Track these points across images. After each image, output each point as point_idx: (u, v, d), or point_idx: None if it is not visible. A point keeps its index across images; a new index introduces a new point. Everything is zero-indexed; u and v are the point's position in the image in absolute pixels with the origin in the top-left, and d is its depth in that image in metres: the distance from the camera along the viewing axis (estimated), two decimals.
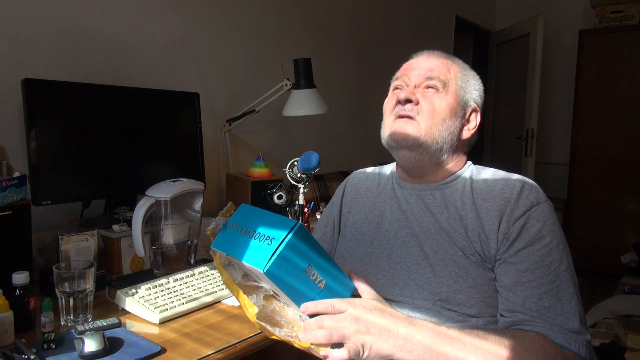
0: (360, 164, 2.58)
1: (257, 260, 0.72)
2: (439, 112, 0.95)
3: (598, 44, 3.77)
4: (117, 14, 1.71)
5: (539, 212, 0.86)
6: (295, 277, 0.74)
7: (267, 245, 0.72)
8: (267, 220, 0.77)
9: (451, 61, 1.02)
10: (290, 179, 1.71)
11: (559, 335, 0.80)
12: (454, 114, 0.97)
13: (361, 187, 1.12)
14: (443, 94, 0.97)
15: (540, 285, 0.83)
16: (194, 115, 1.69)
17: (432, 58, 1.01)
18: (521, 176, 0.93)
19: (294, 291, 0.75)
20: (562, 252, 0.86)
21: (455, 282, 0.87)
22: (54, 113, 1.34)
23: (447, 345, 0.76)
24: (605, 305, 2.35)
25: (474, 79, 1.03)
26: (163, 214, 1.30)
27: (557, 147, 4.37)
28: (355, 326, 0.75)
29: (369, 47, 3.00)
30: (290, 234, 0.72)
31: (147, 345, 0.98)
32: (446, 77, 0.98)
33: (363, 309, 0.77)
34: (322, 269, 0.77)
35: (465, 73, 1.02)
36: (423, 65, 1.00)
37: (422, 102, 0.96)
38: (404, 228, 0.97)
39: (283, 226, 0.73)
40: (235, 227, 0.79)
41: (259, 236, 0.74)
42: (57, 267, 1.08)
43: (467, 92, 1.00)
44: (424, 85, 0.98)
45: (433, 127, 0.95)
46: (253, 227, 0.77)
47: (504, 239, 0.86)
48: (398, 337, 0.76)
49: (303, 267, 0.75)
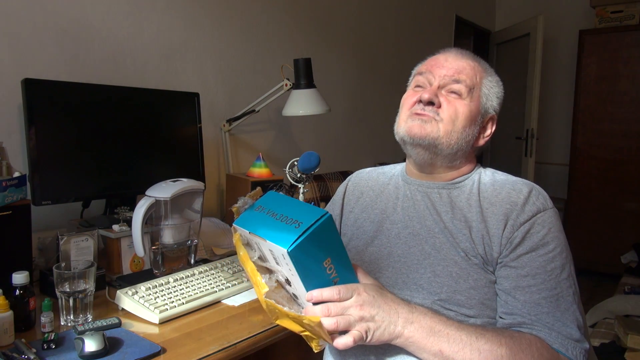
0: (360, 164, 2.58)
1: (282, 240, 0.71)
2: (460, 119, 0.93)
3: (598, 44, 3.77)
4: (117, 14, 1.71)
5: (545, 218, 0.86)
6: (314, 265, 0.74)
7: (294, 227, 0.72)
8: (295, 206, 0.77)
9: (479, 65, 0.99)
10: (290, 179, 1.71)
11: (557, 340, 0.81)
12: (474, 121, 0.95)
13: (363, 187, 1.12)
14: (467, 100, 0.94)
15: (540, 291, 0.83)
16: (194, 115, 1.69)
17: (461, 58, 0.97)
18: (529, 181, 0.93)
19: (309, 278, 0.74)
20: (565, 260, 0.85)
21: (455, 283, 0.87)
22: (54, 113, 1.34)
23: (444, 336, 0.76)
24: (605, 305, 2.35)
25: (498, 85, 1.00)
26: (163, 214, 1.30)
27: (557, 147, 4.37)
28: (360, 313, 0.74)
29: (369, 47, 3.00)
30: (320, 220, 0.72)
31: (147, 345, 0.98)
32: (473, 82, 0.95)
33: (367, 295, 0.76)
34: (339, 265, 0.77)
35: (490, 79, 0.99)
36: (451, 65, 0.96)
37: (445, 106, 0.93)
38: (405, 228, 0.97)
39: (313, 213, 0.73)
40: (261, 209, 0.79)
41: (286, 219, 0.74)
42: (57, 267, 1.08)
43: (490, 99, 0.98)
44: (448, 87, 0.95)
45: (451, 134, 0.93)
46: (280, 210, 0.76)
47: (508, 243, 0.86)
48: (398, 323, 0.76)
49: (322, 259, 0.74)
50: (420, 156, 0.96)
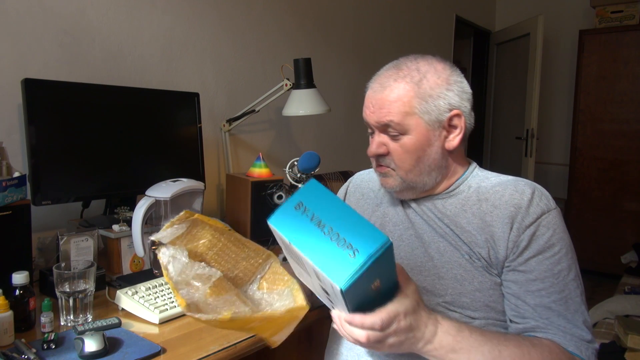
0: (360, 164, 2.58)
1: (335, 272, 0.61)
2: (411, 156, 0.90)
3: (598, 44, 3.77)
4: (117, 14, 1.71)
5: (549, 220, 0.86)
6: (363, 291, 0.67)
7: (348, 256, 0.62)
8: (347, 216, 0.65)
9: (408, 82, 0.88)
10: (290, 179, 1.71)
11: (571, 342, 0.81)
12: (428, 142, 0.90)
13: (364, 188, 1.11)
14: (408, 134, 0.89)
15: (549, 295, 0.83)
16: (194, 115, 1.69)
17: (384, 91, 0.90)
18: (529, 181, 0.91)
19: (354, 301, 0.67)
20: (571, 260, 0.86)
21: (460, 285, 0.87)
22: (54, 113, 1.34)
23: (464, 353, 0.76)
24: (605, 305, 2.35)
25: (439, 87, 0.89)
26: (163, 213, 1.30)
27: (557, 147, 4.37)
28: (393, 340, 0.73)
29: (369, 47, 3.00)
30: (380, 250, 0.62)
31: (147, 345, 0.98)
32: (402, 114, 0.88)
33: (405, 323, 0.73)
34: (387, 282, 0.70)
35: (425, 89, 0.88)
36: (375, 108, 0.90)
37: (392, 151, 0.92)
38: (407, 230, 0.96)
39: (371, 237, 0.63)
40: (304, 210, 0.66)
41: (337, 238, 0.63)
42: (57, 267, 1.08)
43: (433, 109, 0.89)
44: (385, 131, 0.91)
45: (413, 170, 0.91)
46: (329, 220, 0.65)
47: (514, 247, 0.85)
48: (419, 345, 0.75)
49: (372, 282, 0.67)
50: (403, 195, 0.97)
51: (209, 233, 0.88)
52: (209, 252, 0.88)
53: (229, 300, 0.80)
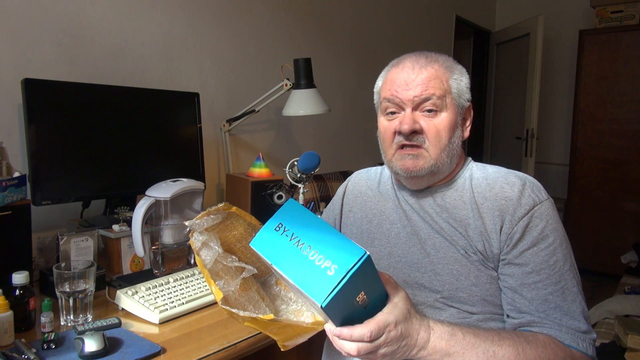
0: (360, 164, 2.58)
1: (315, 290, 0.62)
2: (444, 135, 0.90)
3: (598, 44, 3.77)
4: (117, 14, 1.71)
5: (542, 210, 0.86)
6: (346, 304, 0.67)
7: (326, 273, 0.63)
8: (325, 233, 0.67)
9: (442, 65, 0.92)
10: (290, 179, 1.71)
11: (567, 336, 0.81)
12: (456, 126, 0.92)
13: (362, 187, 1.12)
14: (444, 112, 0.90)
15: (545, 286, 0.83)
16: (194, 115, 1.69)
17: (422, 69, 0.91)
18: (521, 173, 0.92)
19: (339, 315, 0.68)
20: (566, 250, 0.86)
21: (457, 280, 0.88)
22: (54, 113, 1.34)
23: (459, 357, 0.76)
24: (605, 305, 2.35)
25: (462, 74, 0.94)
26: (163, 213, 1.30)
27: (557, 147, 4.37)
28: (386, 350, 0.73)
29: (369, 47, 3.00)
30: (357, 264, 0.63)
31: (147, 345, 0.98)
32: (443, 90, 0.90)
33: (396, 333, 0.73)
34: (372, 293, 0.70)
35: (457, 74, 0.93)
36: (416, 83, 0.90)
37: (426, 129, 0.90)
38: (404, 227, 0.97)
39: (348, 252, 0.64)
40: (283, 230, 0.69)
41: (316, 255, 0.65)
42: (57, 267, 1.08)
43: (462, 94, 0.93)
44: (422, 107, 0.90)
45: (443, 152, 0.90)
46: (307, 238, 0.66)
47: (508, 239, 0.85)
48: (413, 351, 0.75)
49: (356, 295, 0.67)
50: (418, 184, 0.95)
51: (242, 227, 0.88)
52: (237, 244, 0.88)
53: (252, 298, 0.80)
